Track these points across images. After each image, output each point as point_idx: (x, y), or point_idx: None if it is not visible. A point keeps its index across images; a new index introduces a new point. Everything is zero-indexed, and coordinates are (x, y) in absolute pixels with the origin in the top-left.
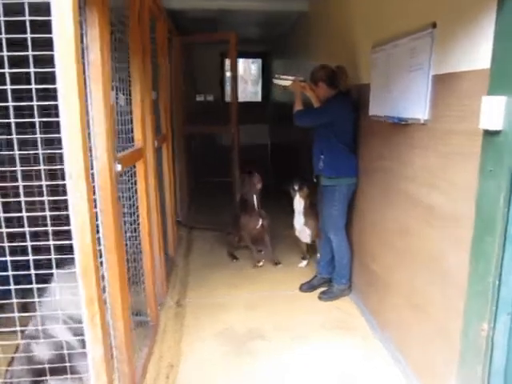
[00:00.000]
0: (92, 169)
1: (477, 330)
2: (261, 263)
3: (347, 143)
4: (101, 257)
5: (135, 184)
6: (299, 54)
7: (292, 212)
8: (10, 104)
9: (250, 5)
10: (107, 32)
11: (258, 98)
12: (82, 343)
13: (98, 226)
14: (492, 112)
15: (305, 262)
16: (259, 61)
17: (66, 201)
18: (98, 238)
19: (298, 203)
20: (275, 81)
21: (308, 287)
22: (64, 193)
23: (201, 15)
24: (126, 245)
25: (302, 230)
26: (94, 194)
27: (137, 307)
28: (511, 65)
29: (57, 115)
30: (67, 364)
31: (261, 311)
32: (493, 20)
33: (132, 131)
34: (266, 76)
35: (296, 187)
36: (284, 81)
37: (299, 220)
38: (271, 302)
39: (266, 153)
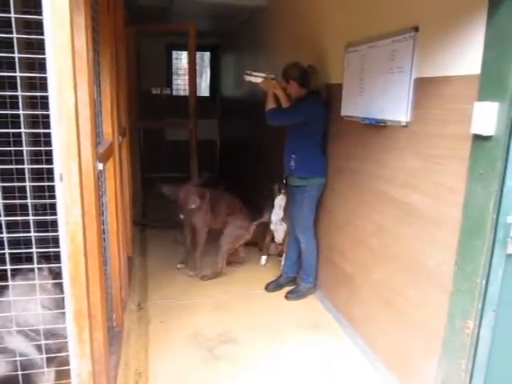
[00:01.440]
0: None
1: (461, 325)
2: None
3: (319, 143)
4: None
5: (104, 182)
6: (254, 50)
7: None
8: None
9: None
10: (90, 19)
11: (204, 92)
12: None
13: None
14: (484, 117)
15: (264, 258)
16: (206, 54)
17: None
18: None
19: (281, 199)
20: (246, 77)
21: (275, 286)
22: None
23: (151, 4)
24: None
25: (278, 224)
26: None
27: None
28: (503, 71)
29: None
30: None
31: (229, 312)
32: (483, 26)
33: (100, 125)
34: (215, 70)
35: (283, 190)
36: (254, 77)
37: (279, 214)
38: (238, 302)
39: (214, 149)
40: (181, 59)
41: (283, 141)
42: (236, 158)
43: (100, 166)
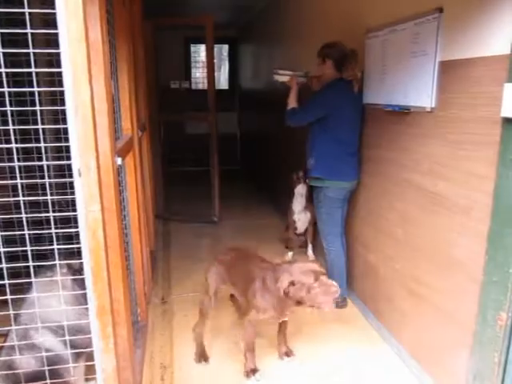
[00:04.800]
0: None
1: (494, 317)
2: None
3: (345, 141)
4: None
5: (124, 177)
6: (273, 40)
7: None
8: (6, 90)
9: None
10: (105, 9)
11: (223, 85)
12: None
13: None
14: None
15: (291, 254)
16: (225, 46)
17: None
18: None
19: (301, 187)
20: (275, 76)
21: None
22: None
23: None
24: None
25: (302, 214)
26: None
27: None
28: None
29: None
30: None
31: None
32: None
33: (118, 120)
34: (234, 62)
35: (302, 179)
36: (282, 76)
37: (301, 202)
38: None
39: (235, 142)
40: (199, 52)
41: (304, 132)
42: (256, 150)
43: (119, 161)
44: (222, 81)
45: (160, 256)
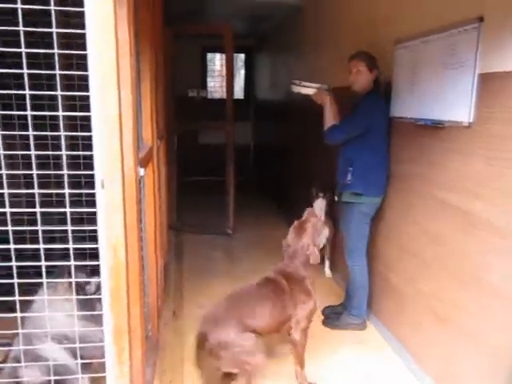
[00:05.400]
0: None
1: None
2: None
3: (380, 154)
4: None
5: (143, 188)
6: (292, 50)
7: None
8: (28, 92)
9: None
10: (132, 11)
11: (238, 95)
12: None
13: None
14: None
15: (327, 264)
16: (241, 56)
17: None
18: None
19: (320, 202)
20: (294, 88)
21: (331, 312)
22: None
23: (186, 6)
24: None
25: None
26: None
27: None
28: None
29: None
30: None
31: None
32: None
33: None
34: (249, 72)
35: (321, 193)
36: (306, 88)
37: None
38: None
39: (248, 153)
40: (214, 61)
41: (322, 143)
42: (271, 162)
43: (141, 172)
44: (237, 90)
45: (172, 268)
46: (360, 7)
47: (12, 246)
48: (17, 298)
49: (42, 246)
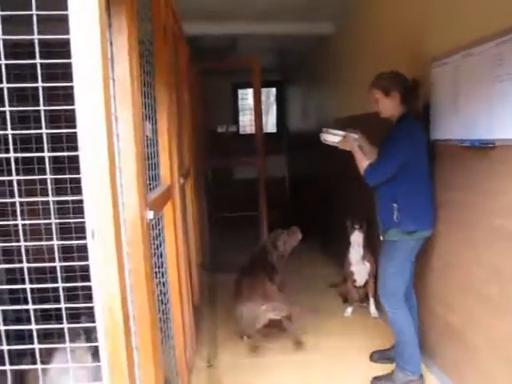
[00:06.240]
0: None
1: None
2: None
3: (425, 184)
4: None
5: (162, 230)
6: (323, 82)
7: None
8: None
9: (269, 29)
10: (136, 41)
11: (271, 129)
12: None
13: None
14: None
15: (350, 309)
16: (272, 90)
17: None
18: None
19: (357, 235)
20: (323, 136)
21: (380, 357)
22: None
23: (213, 43)
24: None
25: (360, 264)
26: None
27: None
28: None
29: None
30: None
31: (318, 376)
32: None
33: (156, 167)
34: (281, 105)
35: (357, 225)
36: (333, 136)
37: (358, 252)
38: (328, 365)
39: (283, 186)
40: (247, 98)
41: (358, 174)
42: (306, 194)
43: (150, 215)
44: (270, 124)
45: (205, 312)
46: (391, 29)
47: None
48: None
49: (31, 306)
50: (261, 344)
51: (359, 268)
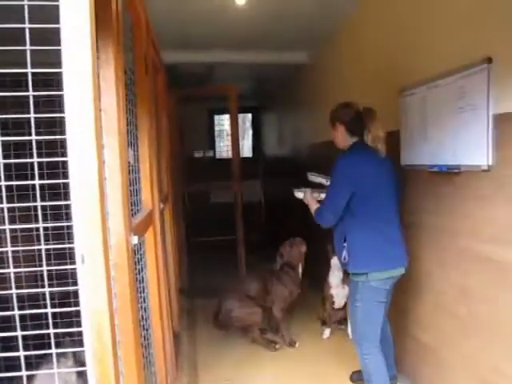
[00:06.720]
0: None
1: None
2: (277, 345)
3: (381, 218)
4: None
5: (143, 255)
6: (297, 108)
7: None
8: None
9: (246, 57)
10: (122, 71)
11: (247, 153)
12: None
13: None
14: None
15: (328, 331)
16: (248, 116)
17: None
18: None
19: (337, 260)
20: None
21: (359, 377)
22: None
23: (192, 70)
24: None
25: (340, 288)
26: None
27: None
28: None
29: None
30: None
31: None
32: None
33: (138, 192)
34: (257, 130)
35: None
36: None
37: (338, 276)
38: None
39: (259, 211)
40: (223, 124)
41: None
42: (283, 219)
43: (135, 240)
44: (246, 149)
45: (185, 338)
46: (362, 59)
47: None
48: None
49: (19, 333)
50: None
51: (338, 291)
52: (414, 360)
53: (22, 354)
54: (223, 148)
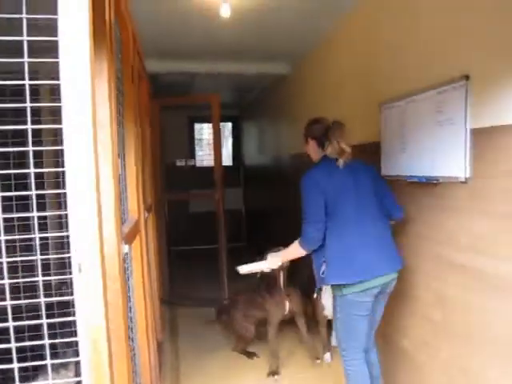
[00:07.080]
0: None
1: None
2: (276, 377)
3: (357, 227)
4: None
5: (130, 264)
6: (278, 118)
7: None
8: None
9: (228, 68)
10: (114, 83)
11: (227, 162)
12: None
13: None
14: None
15: (328, 355)
16: (228, 125)
17: None
18: None
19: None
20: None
21: None
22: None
23: (173, 79)
24: None
25: (330, 298)
26: None
27: None
28: None
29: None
30: None
31: None
32: None
33: (125, 201)
34: (237, 139)
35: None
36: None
37: (330, 296)
38: None
39: (240, 218)
40: (203, 131)
41: None
42: (264, 226)
43: (126, 249)
44: (226, 157)
45: (167, 347)
46: (343, 75)
47: None
48: None
49: (13, 344)
50: None
51: (329, 303)
52: (395, 366)
53: (16, 366)
54: (203, 156)
